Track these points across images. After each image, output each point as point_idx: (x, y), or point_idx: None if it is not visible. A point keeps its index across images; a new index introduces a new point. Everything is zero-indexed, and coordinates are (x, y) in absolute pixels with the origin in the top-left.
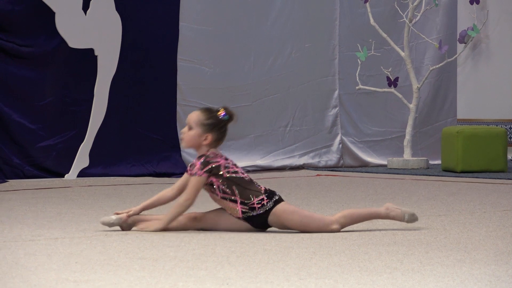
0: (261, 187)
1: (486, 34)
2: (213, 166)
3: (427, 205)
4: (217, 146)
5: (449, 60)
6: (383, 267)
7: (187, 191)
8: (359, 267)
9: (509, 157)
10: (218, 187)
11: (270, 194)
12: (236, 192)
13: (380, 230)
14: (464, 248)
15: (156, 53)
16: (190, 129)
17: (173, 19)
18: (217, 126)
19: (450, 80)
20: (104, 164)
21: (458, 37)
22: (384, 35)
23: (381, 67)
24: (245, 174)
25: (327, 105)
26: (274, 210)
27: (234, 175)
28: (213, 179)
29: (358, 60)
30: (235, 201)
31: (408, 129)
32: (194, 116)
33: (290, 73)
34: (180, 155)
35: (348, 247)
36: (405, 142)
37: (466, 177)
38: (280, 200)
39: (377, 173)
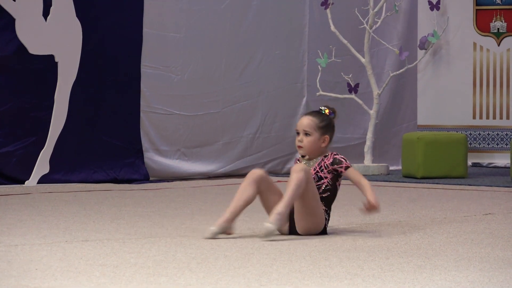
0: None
1: (446, 40)
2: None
3: (388, 211)
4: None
5: (409, 66)
6: (343, 273)
7: (359, 177)
8: (320, 273)
9: (469, 163)
10: (326, 182)
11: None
12: (328, 195)
13: (341, 236)
14: (424, 254)
15: (118, 59)
16: (306, 135)
17: (137, 25)
18: (330, 125)
19: (411, 86)
20: (65, 170)
21: (418, 43)
22: (345, 41)
23: (342, 73)
24: None
25: (295, 112)
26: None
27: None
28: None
29: (319, 66)
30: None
31: (369, 135)
32: (308, 121)
33: (259, 80)
34: (143, 162)
35: (309, 253)
36: (366, 148)
37: (426, 183)
38: None
39: None
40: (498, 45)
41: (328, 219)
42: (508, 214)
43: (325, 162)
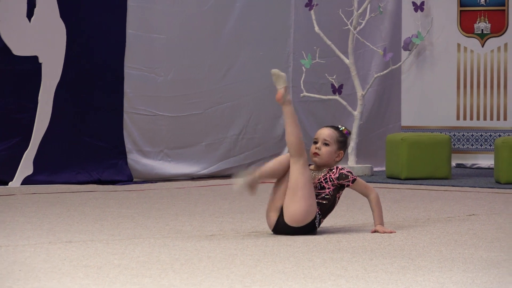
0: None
1: (430, 41)
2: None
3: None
4: None
5: (393, 67)
6: (327, 274)
7: (368, 189)
8: (304, 274)
9: (453, 164)
10: (327, 192)
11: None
12: (325, 203)
13: (324, 237)
14: (408, 255)
15: (102, 60)
16: (325, 145)
17: (120, 26)
18: (346, 143)
19: (395, 87)
20: (48, 171)
21: (402, 44)
22: (329, 42)
23: (326, 75)
24: None
25: (279, 114)
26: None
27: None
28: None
29: (303, 67)
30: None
31: (353, 136)
32: (330, 132)
33: (244, 81)
34: (126, 163)
35: (293, 254)
36: (350, 149)
37: (410, 184)
38: None
39: None
40: (482, 46)
41: (319, 221)
42: (491, 215)
43: (330, 176)
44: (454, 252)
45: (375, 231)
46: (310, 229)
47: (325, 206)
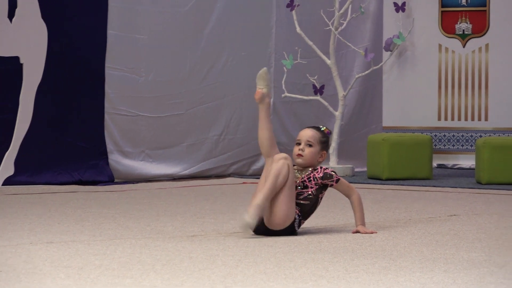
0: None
1: (411, 41)
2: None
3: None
4: None
5: (374, 68)
6: (308, 274)
7: (351, 190)
8: (285, 274)
9: (434, 164)
10: (310, 191)
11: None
12: (306, 203)
13: (306, 237)
14: (389, 255)
15: (83, 61)
16: (309, 146)
17: (101, 27)
18: (328, 144)
19: (377, 88)
20: (30, 172)
21: (384, 44)
22: (310, 42)
23: (307, 75)
24: None
25: None
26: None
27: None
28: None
29: (284, 68)
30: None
31: (334, 137)
32: (313, 133)
33: (225, 81)
34: (107, 163)
35: (274, 255)
36: (331, 150)
37: (391, 184)
38: None
39: None
40: (463, 46)
41: (299, 224)
42: (472, 216)
43: (314, 175)
44: (435, 252)
45: (356, 232)
46: (289, 232)
47: (306, 207)
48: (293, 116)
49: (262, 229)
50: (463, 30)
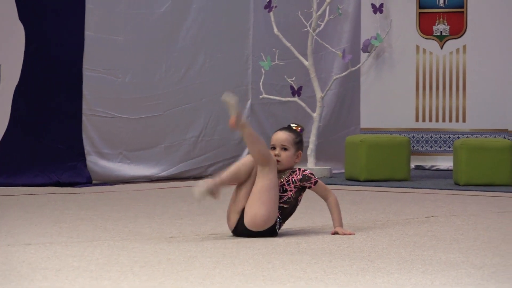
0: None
1: (389, 43)
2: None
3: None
4: None
5: (352, 69)
6: (286, 276)
7: (328, 192)
8: (263, 276)
9: (412, 166)
10: (289, 194)
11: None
12: (287, 206)
13: (284, 239)
14: (367, 256)
15: (61, 62)
16: (284, 150)
17: (78, 28)
18: (302, 142)
19: (354, 89)
20: (7, 173)
21: (361, 46)
22: (288, 44)
23: (285, 77)
24: None
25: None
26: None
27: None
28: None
29: (262, 69)
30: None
31: (312, 138)
32: (286, 136)
33: (203, 83)
34: (85, 165)
35: (252, 256)
36: (308, 151)
37: (369, 185)
38: None
39: None
40: (441, 48)
41: (279, 226)
42: (450, 217)
43: (293, 178)
44: (413, 253)
45: (334, 233)
46: (269, 234)
47: (286, 210)
48: (271, 118)
49: (242, 231)
50: (441, 31)
